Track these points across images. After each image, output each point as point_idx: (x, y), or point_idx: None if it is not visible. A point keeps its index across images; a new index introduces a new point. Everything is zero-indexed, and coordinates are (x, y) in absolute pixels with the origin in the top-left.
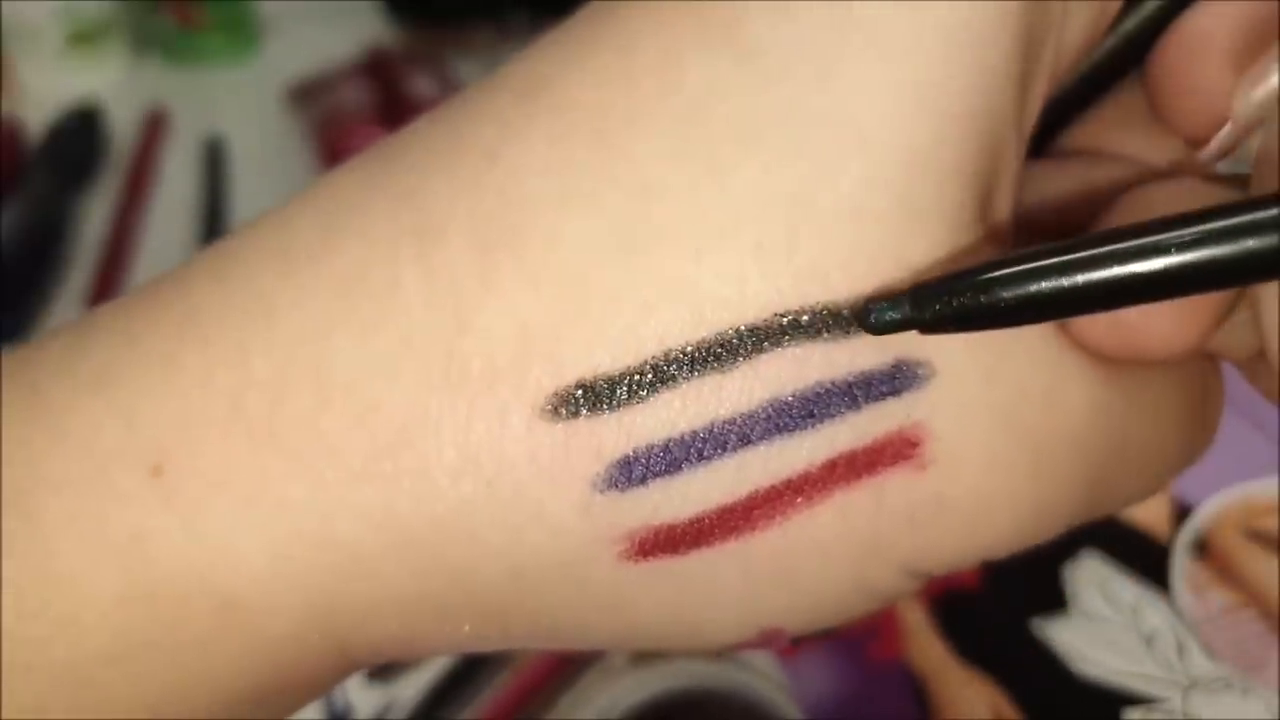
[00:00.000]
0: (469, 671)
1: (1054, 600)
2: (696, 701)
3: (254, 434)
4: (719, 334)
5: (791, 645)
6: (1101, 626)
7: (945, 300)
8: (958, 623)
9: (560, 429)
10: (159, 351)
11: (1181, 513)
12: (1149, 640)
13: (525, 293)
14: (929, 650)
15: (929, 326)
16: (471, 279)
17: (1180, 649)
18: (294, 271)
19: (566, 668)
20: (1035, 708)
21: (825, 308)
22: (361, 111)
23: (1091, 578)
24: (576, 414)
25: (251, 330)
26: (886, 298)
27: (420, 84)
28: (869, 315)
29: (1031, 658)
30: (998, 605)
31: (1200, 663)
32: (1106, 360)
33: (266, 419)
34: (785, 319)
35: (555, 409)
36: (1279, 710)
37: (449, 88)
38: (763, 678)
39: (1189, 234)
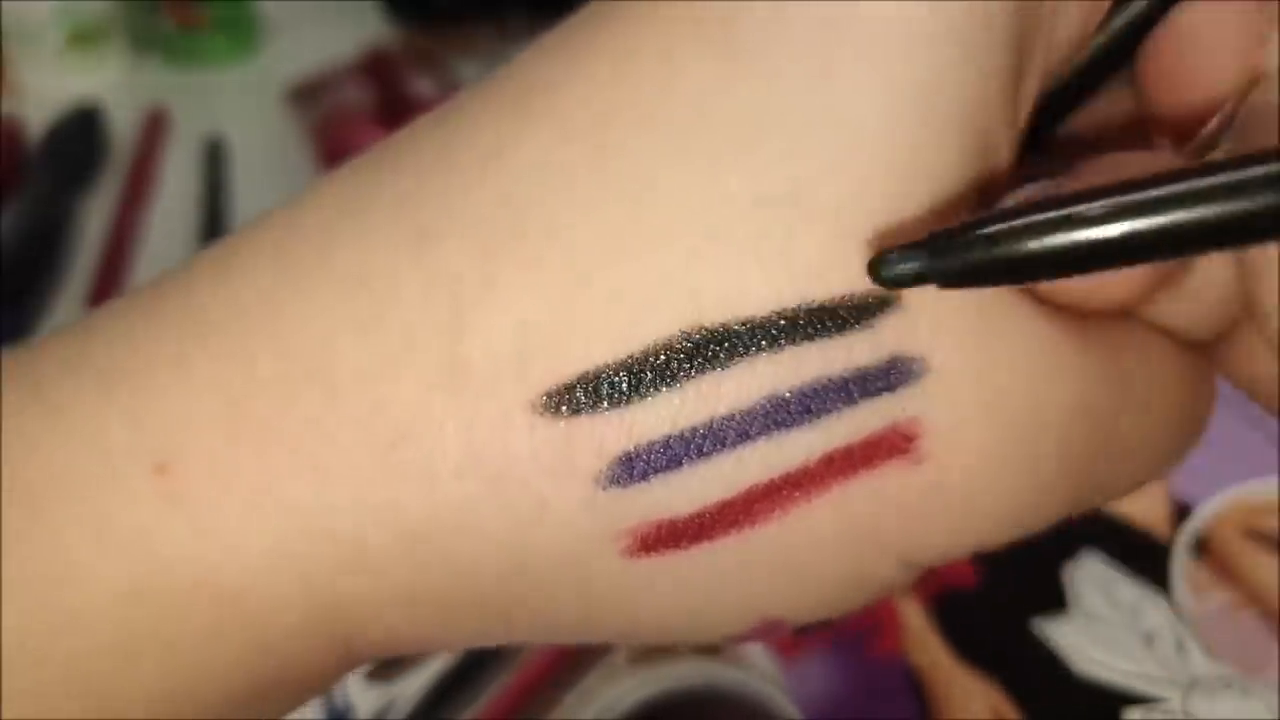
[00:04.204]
0: (469, 671)
1: (1054, 600)
2: (696, 701)
3: (259, 432)
4: (718, 332)
5: (792, 636)
6: (1101, 626)
7: (960, 253)
8: (957, 622)
9: (562, 426)
10: (163, 350)
11: (1181, 512)
12: (1149, 640)
13: (525, 292)
14: (929, 650)
15: (945, 281)
16: (471, 279)
17: (1180, 648)
18: (296, 273)
19: (568, 667)
20: (1035, 707)
21: (822, 306)
22: (361, 111)
23: (1091, 577)
24: (578, 411)
25: (255, 330)
26: (901, 248)
27: (420, 84)
28: (881, 268)
29: (1031, 657)
30: (998, 605)
31: (1200, 662)
32: (1075, 326)
33: (271, 417)
34: (783, 317)
35: (557, 406)
36: (1279, 710)
37: (449, 88)
38: (763, 677)
39: (1204, 185)
